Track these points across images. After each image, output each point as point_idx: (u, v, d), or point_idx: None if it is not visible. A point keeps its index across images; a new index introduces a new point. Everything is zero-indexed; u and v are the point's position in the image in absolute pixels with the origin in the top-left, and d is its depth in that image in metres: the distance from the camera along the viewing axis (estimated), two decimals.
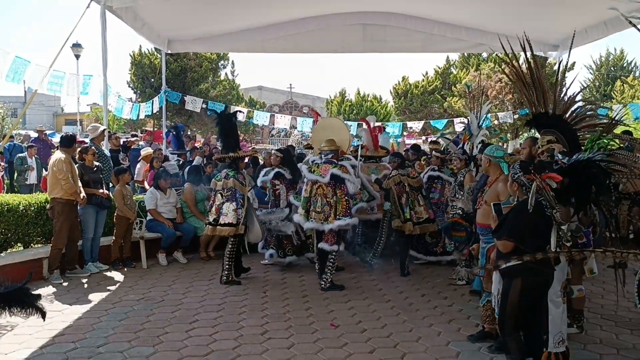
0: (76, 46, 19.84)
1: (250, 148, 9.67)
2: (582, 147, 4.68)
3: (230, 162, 6.99)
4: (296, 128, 19.12)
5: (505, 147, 17.40)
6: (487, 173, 4.85)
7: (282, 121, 17.76)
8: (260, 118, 17.50)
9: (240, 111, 14.81)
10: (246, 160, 7.98)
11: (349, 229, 7.13)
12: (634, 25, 4.29)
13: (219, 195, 6.86)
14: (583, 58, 64.89)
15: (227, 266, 6.84)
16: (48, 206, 7.00)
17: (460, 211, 6.47)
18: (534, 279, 3.64)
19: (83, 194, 6.91)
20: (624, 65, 33.05)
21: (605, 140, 4.51)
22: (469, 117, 7.96)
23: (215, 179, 7.10)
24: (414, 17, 11.57)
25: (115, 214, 7.61)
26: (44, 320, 3.69)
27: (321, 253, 6.77)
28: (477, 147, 6.71)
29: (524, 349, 3.74)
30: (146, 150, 10.11)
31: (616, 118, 5.25)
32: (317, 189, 6.67)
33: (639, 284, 3.57)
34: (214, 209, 6.88)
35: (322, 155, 6.88)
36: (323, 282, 6.64)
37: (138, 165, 9.63)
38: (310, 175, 6.71)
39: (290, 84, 40.19)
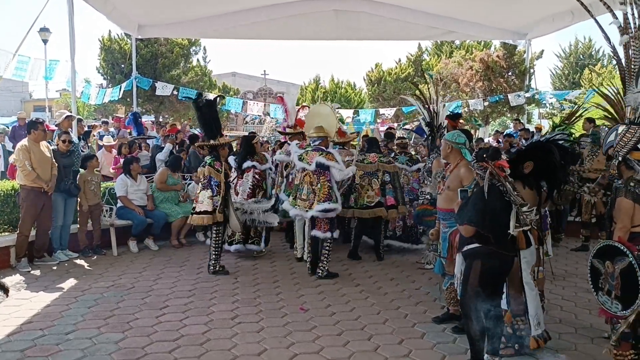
0: (44, 30, 19.34)
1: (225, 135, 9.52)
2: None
3: (211, 149, 6.93)
4: (269, 115, 19.04)
5: (477, 134, 17.61)
6: (447, 159, 4.87)
7: (255, 108, 17.65)
8: (233, 105, 17.37)
9: (221, 96, 14.70)
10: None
11: (333, 215, 6.65)
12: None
13: (200, 184, 6.87)
14: (552, 46, 65.82)
15: (214, 256, 6.73)
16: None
17: (429, 196, 6.58)
18: (492, 262, 3.77)
19: (52, 181, 6.83)
20: (592, 53, 33.61)
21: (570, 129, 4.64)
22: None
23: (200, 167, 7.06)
24: (386, 5, 11.59)
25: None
26: (7, 297, 3.66)
27: (314, 240, 6.69)
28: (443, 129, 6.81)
29: (485, 329, 3.86)
30: (108, 139, 10.12)
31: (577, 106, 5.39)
32: (305, 177, 6.65)
33: (591, 267, 3.72)
34: (195, 197, 6.99)
35: (312, 142, 6.84)
36: (320, 271, 6.57)
37: (98, 153, 9.51)
38: (299, 163, 6.70)
39: (265, 71, 39.67)
